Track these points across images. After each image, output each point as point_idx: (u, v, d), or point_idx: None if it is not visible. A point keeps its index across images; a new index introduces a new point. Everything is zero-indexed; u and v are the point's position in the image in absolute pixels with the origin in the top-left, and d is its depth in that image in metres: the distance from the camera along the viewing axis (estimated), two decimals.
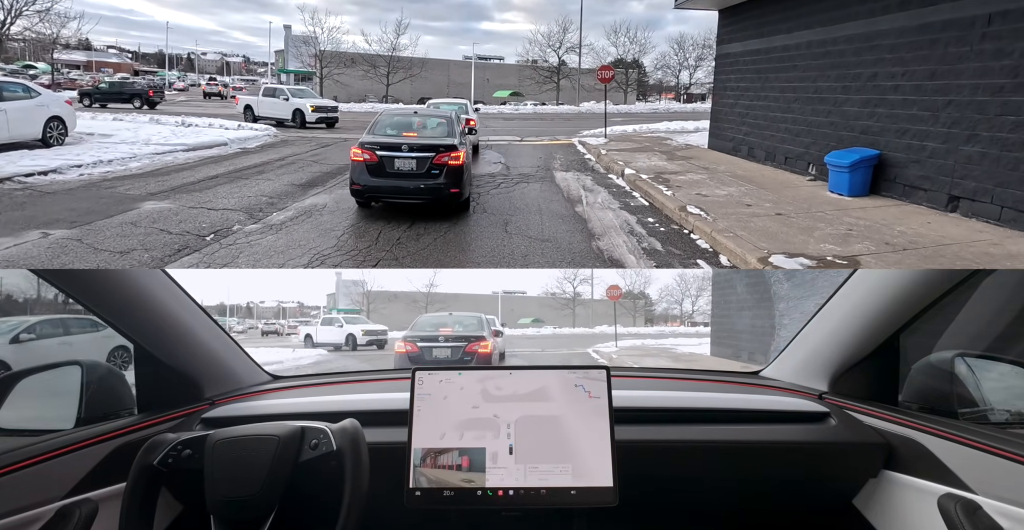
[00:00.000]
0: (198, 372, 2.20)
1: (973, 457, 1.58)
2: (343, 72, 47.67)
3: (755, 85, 12.62)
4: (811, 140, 10.58)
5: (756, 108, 12.53)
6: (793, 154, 11.13)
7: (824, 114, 10.21)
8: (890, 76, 8.69)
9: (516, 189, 9.91)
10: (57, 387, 2.02)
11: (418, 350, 9.50)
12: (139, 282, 1.93)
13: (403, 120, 8.43)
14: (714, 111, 14.78)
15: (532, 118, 33.10)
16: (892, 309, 1.93)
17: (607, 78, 16.88)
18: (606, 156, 13.23)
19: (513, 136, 19.96)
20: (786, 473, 2.01)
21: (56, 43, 49.24)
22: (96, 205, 8.01)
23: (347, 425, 1.64)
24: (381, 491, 1.63)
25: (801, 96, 10.91)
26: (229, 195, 8.91)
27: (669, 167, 11.63)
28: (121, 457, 1.71)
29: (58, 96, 13.73)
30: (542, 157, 14.23)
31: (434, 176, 7.22)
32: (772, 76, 11.92)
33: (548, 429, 1.75)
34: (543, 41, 53.15)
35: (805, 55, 10.79)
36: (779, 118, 11.59)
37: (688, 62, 56.62)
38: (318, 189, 9.63)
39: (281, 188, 9.60)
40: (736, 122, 13.48)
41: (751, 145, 12.72)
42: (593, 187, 10.23)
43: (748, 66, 12.92)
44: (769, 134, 11.98)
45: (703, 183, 9.79)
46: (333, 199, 8.86)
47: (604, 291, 26.66)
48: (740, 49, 13.31)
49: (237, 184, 9.81)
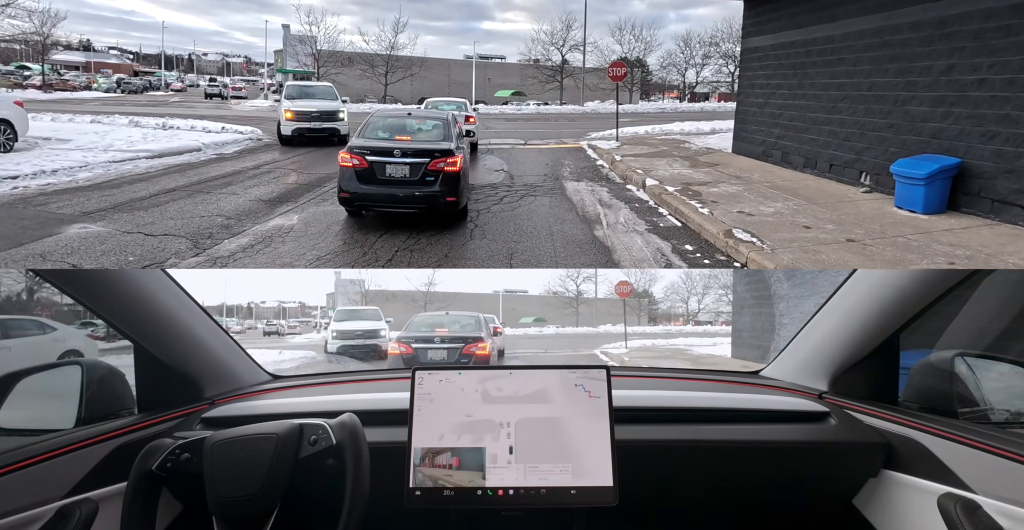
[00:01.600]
0: (198, 372, 2.19)
1: (973, 457, 1.57)
2: (340, 72, 46.34)
3: (790, 82, 11.14)
4: (864, 145, 9.10)
5: (792, 108, 11.04)
6: (840, 161, 9.65)
7: (881, 115, 8.73)
8: (972, 69, 7.20)
9: (522, 205, 8.45)
10: (57, 387, 2.01)
11: (413, 352, 9.02)
12: (139, 282, 1.93)
13: (396, 122, 7.85)
14: (739, 111, 13.30)
15: (535, 119, 31.55)
16: (892, 309, 1.91)
17: (619, 76, 15.37)
18: (621, 163, 11.75)
19: (516, 139, 18.47)
20: (786, 473, 1.99)
21: (46, 43, 48.46)
22: (11, 229, 6.57)
23: (345, 419, 1.62)
24: (381, 491, 1.60)
25: (851, 94, 9.43)
26: (179, 215, 7.46)
27: (696, 176, 10.15)
28: (121, 457, 1.70)
29: (6, 97, 12.29)
30: (549, 163, 12.74)
31: (429, 183, 6.65)
32: (812, 71, 10.43)
33: (548, 430, 1.74)
34: (546, 39, 51.59)
35: (856, 47, 9.31)
36: (822, 120, 10.11)
37: (695, 60, 55.06)
38: (288, 206, 8.17)
39: (245, 205, 8.15)
40: (767, 124, 12.00)
41: (785, 150, 11.24)
42: (611, 202, 8.75)
43: (781, 61, 11.43)
44: (809, 138, 10.50)
45: (742, 197, 8.32)
46: (303, 220, 7.41)
47: (613, 288, 25.68)
48: (771, 42, 11.82)
49: (195, 200, 8.35)
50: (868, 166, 9.03)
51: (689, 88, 56.68)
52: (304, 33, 48.92)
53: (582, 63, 50.15)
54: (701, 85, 56.71)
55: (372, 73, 46.47)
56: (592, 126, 23.32)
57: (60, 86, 48.17)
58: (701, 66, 55.14)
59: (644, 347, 22.97)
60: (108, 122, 19.77)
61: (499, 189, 9.57)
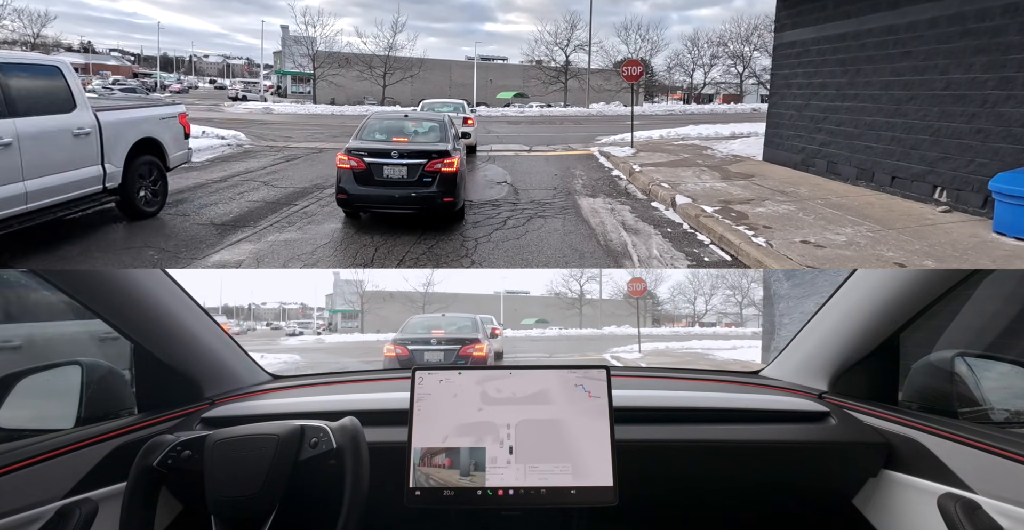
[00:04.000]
0: (198, 372, 2.18)
1: (973, 457, 1.56)
2: (337, 73, 44.92)
3: (838, 80, 9.63)
4: (939, 154, 7.60)
5: (841, 110, 9.53)
6: (906, 173, 8.14)
7: (964, 118, 7.22)
8: None
9: (529, 230, 6.96)
10: (57, 387, 2.00)
11: (408, 354, 8.85)
12: (139, 282, 1.93)
13: (393, 124, 7.83)
14: (771, 115, 11.79)
15: (539, 122, 29.99)
16: (892, 309, 1.91)
17: (635, 75, 13.86)
18: (641, 174, 10.25)
19: (519, 144, 16.97)
20: (786, 473, 1.99)
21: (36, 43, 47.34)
22: None
23: (347, 423, 1.62)
24: (381, 491, 1.61)
25: (920, 93, 7.92)
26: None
27: (732, 191, 8.65)
28: (121, 457, 1.70)
29: None
30: (558, 174, 11.22)
31: (426, 184, 6.67)
32: (868, 68, 8.93)
33: (548, 430, 1.73)
34: (550, 39, 50.03)
35: (927, 37, 7.80)
36: (881, 124, 8.60)
37: (703, 60, 53.50)
38: (243, 233, 6.68)
39: (190, 231, 6.67)
40: (807, 129, 10.49)
41: (832, 158, 9.73)
42: (637, 225, 7.24)
43: (826, 56, 9.93)
44: (863, 145, 8.99)
45: (798, 220, 6.82)
46: (255, 253, 5.92)
47: (623, 286, 24.52)
48: (812, 35, 10.32)
49: None
50: (945, 180, 7.52)
51: (698, 89, 55.10)
52: (300, 34, 47.56)
53: (587, 63, 48.63)
54: (709, 86, 55.18)
55: (370, 74, 45.03)
56: (600, 130, 21.81)
57: None
58: (709, 67, 53.62)
59: (658, 351, 21.56)
60: None
61: (502, 208, 8.08)
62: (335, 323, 54.09)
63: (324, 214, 7.58)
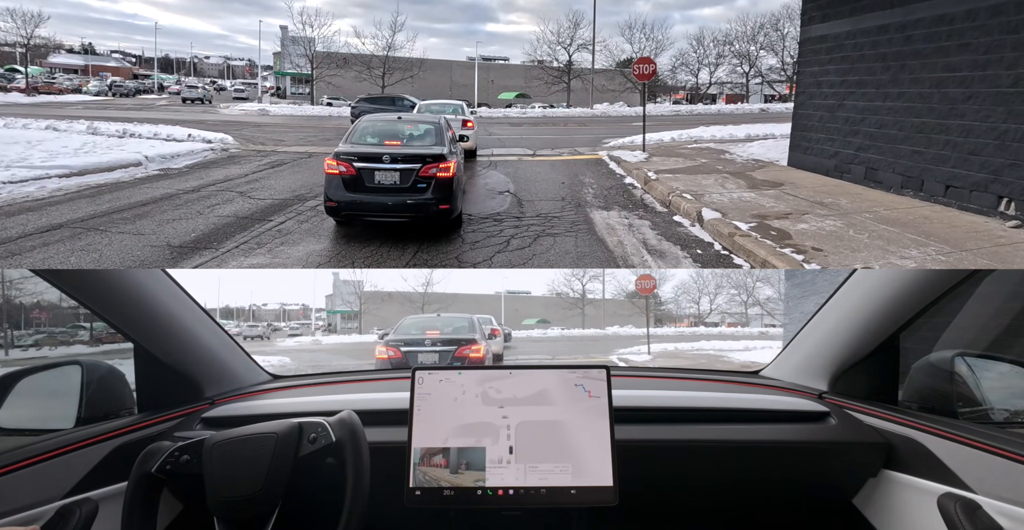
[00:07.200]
0: (198, 372, 2.17)
1: (973, 457, 1.55)
2: (336, 73, 43.96)
3: (878, 78, 8.66)
4: (1006, 160, 6.62)
5: (882, 111, 8.55)
6: (964, 181, 7.16)
7: None
8: None
9: (536, 251, 5.99)
10: (57, 387, 1.99)
11: (402, 356, 8.53)
12: (139, 282, 1.91)
13: (386, 127, 7.37)
14: (798, 116, 10.81)
15: (542, 123, 28.95)
16: (892, 309, 1.89)
17: (647, 74, 12.86)
18: (658, 182, 9.26)
19: (522, 148, 15.97)
20: (786, 473, 1.97)
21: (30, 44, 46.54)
22: None
23: (344, 416, 1.59)
24: (381, 490, 1.59)
25: (979, 91, 6.95)
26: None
27: (765, 203, 7.67)
28: (121, 457, 1.69)
29: None
30: (565, 182, 10.21)
31: (420, 190, 6.25)
32: (914, 63, 7.95)
33: (548, 430, 1.72)
34: (552, 38, 48.93)
35: (990, 26, 6.83)
36: (932, 126, 7.62)
37: (709, 59, 52.40)
38: (204, 256, 5.73)
39: (140, 255, 5.71)
40: (841, 131, 9.51)
41: (872, 164, 8.75)
42: (661, 246, 6.26)
43: (864, 51, 8.95)
44: (909, 150, 8.01)
45: (851, 239, 5.84)
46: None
47: (631, 284, 23.70)
48: (847, 28, 9.34)
49: (65, 247, 5.91)
50: (1014, 190, 6.54)
51: (704, 88, 54.01)
52: (297, 34, 46.63)
53: (590, 63, 47.57)
54: (714, 86, 54.09)
55: (369, 75, 44.05)
56: (606, 132, 20.81)
57: (45, 89, 46.74)
58: (715, 66, 52.51)
59: (668, 353, 20.61)
60: (64, 128, 17.45)
61: (504, 223, 7.10)
62: (335, 324, 53.44)
63: (301, 232, 6.63)
